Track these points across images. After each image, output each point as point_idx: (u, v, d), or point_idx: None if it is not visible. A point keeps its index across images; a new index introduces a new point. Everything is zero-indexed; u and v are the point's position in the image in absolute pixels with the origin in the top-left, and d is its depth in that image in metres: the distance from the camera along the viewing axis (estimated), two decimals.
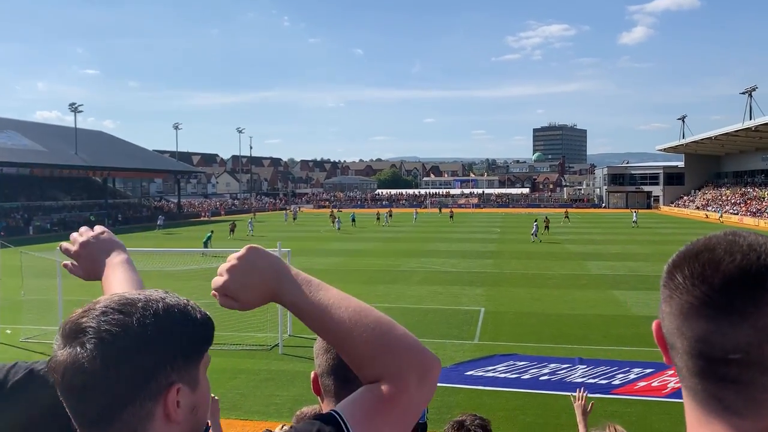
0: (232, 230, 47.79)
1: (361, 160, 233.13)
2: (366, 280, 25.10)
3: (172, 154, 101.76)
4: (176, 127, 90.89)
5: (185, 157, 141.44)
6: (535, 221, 45.23)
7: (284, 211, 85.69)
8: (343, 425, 1.08)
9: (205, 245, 35.64)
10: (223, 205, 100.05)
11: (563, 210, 72.98)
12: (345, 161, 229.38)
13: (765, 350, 0.81)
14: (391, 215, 66.23)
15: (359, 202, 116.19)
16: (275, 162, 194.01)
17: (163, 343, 0.99)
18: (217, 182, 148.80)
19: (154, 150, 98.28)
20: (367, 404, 1.14)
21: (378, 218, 63.24)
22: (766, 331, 0.81)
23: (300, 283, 1.18)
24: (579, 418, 4.16)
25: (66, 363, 0.96)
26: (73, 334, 0.97)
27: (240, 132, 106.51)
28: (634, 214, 61.23)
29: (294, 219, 71.43)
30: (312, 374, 1.74)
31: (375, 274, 26.80)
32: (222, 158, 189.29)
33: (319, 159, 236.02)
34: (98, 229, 1.71)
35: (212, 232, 40.43)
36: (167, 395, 0.99)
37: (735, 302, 0.82)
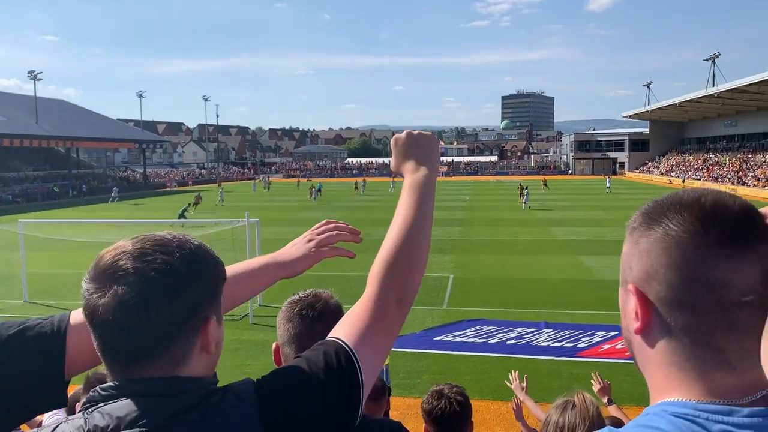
0: (196, 203, 43.28)
1: (330, 129, 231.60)
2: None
3: (137, 123, 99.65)
4: (140, 96, 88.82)
5: (150, 126, 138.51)
6: (526, 188, 44.83)
7: (252, 181, 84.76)
8: (347, 348, 1.19)
9: (181, 217, 35.17)
10: (190, 174, 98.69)
11: (541, 177, 73.80)
12: (314, 130, 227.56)
13: None
14: (365, 184, 66.08)
15: (329, 172, 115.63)
16: (243, 131, 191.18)
17: (201, 278, 1.07)
18: (183, 151, 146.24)
19: (118, 119, 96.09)
20: (360, 325, 1.25)
21: (356, 187, 63.22)
22: None
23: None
24: (521, 396, 4.35)
25: (112, 304, 0.99)
26: (114, 276, 1.01)
27: (206, 100, 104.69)
28: (608, 180, 62.71)
29: (266, 189, 70.32)
30: (273, 345, 1.77)
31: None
32: (188, 127, 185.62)
33: (287, 128, 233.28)
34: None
35: (189, 204, 39.92)
36: (206, 327, 1.08)
37: (750, 240, 0.81)
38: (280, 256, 1.63)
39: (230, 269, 1.45)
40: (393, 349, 11.77)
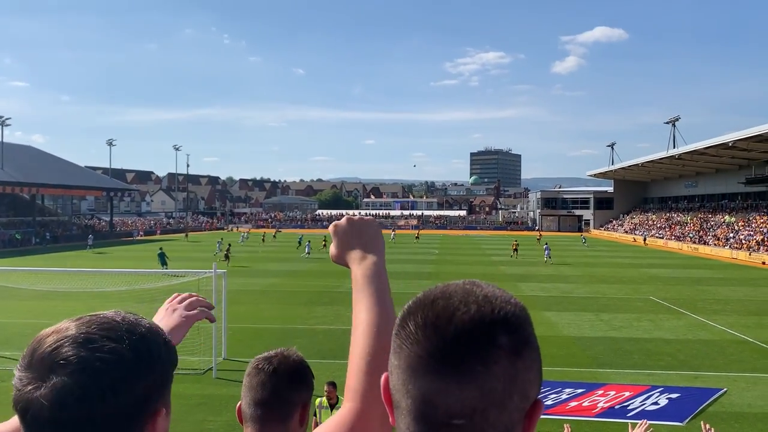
0: (227, 256, 40.00)
1: (301, 180, 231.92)
2: (304, 301, 24.90)
3: (106, 170, 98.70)
4: (110, 143, 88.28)
5: (119, 174, 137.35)
6: (546, 243, 49.21)
7: (242, 232, 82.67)
8: None
9: (164, 264, 34.54)
10: (158, 223, 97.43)
11: (537, 233, 79.40)
12: (285, 181, 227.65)
13: (490, 416, 0.76)
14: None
15: (299, 223, 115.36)
16: (213, 180, 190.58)
17: (152, 368, 0.95)
18: (152, 200, 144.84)
19: (86, 166, 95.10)
20: None
21: (325, 243, 62.52)
22: (492, 395, 0.75)
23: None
24: None
25: (49, 398, 0.86)
26: (53, 365, 0.88)
27: (177, 149, 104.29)
28: (583, 237, 71.64)
29: (243, 241, 66.86)
30: (238, 404, 1.80)
31: (313, 295, 26.62)
32: (158, 176, 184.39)
33: (258, 178, 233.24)
34: None
35: (161, 248, 39.15)
36: (156, 420, 0.95)
37: (465, 358, 0.75)
38: None
39: None
40: None
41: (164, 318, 1.54)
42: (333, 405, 8.45)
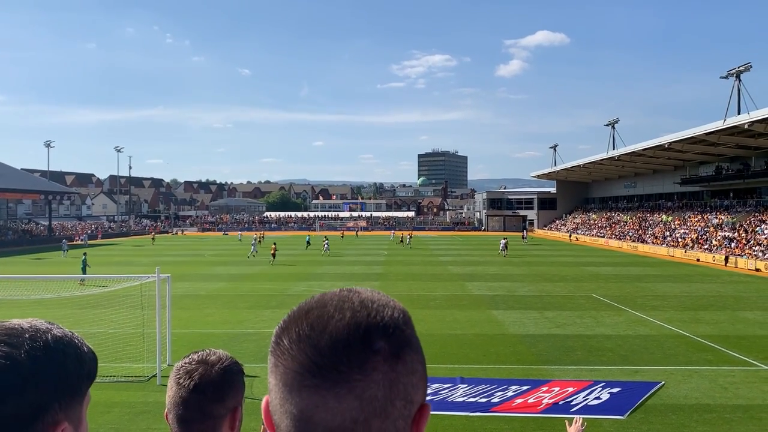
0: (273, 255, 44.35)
1: (249, 182, 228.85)
2: (252, 305, 24.59)
3: (44, 173, 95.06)
4: (48, 145, 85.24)
5: (58, 176, 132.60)
6: (505, 239, 53.29)
7: (240, 234, 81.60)
8: None
9: (84, 270, 33.28)
10: (99, 227, 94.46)
11: (522, 232, 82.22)
12: (232, 183, 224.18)
13: (372, 427, 0.72)
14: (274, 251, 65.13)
15: (247, 225, 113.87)
16: (156, 183, 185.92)
17: (52, 378, 0.89)
18: (93, 203, 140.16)
19: (22, 168, 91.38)
20: None
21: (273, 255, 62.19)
22: (373, 404, 0.72)
23: None
24: None
25: None
26: None
27: (119, 151, 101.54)
28: (524, 235, 76.62)
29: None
30: (165, 411, 1.73)
31: (261, 298, 26.31)
32: (99, 178, 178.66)
33: (204, 180, 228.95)
34: None
35: (85, 254, 37.95)
36: None
37: (340, 368, 0.72)
38: None
39: None
40: None
41: None
42: None
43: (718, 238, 51.18)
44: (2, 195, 76.93)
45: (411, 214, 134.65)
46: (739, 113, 46.89)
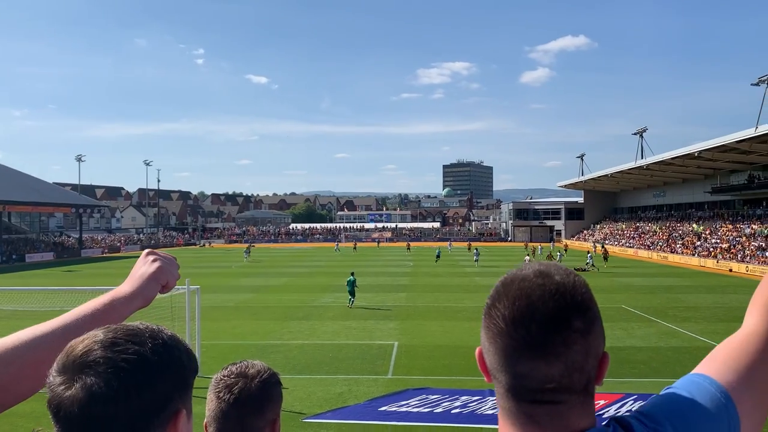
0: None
1: (274, 194, 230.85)
2: (278, 316, 24.70)
3: (75, 187, 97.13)
4: (79, 159, 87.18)
5: (88, 190, 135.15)
6: (589, 252, 53.75)
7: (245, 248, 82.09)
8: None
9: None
10: (127, 240, 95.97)
11: (551, 244, 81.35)
12: (258, 195, 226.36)
13: (573, 378, 1.00)
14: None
15: (273, 237, 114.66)
16: (184, 195, 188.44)
17: (172, 371, 1.04)
18: (122, 216, 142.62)
19: (54, 182, 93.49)
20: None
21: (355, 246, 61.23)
22: (574, 365, 0.99)
23: None
24: None
25: (80, 396, 0.95)
26: (83, 367, 0.97)
27: (147, 164, 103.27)
28: (555, 246, 74.74)
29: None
30: (204, 423, 1.75)
31: (287, 310, 26.42)
32: (128, 191, 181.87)
33: (231, 193, 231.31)
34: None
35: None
36: (177, 421, 1.03)
37: (549, 345, 0.98)
38: (125, 289, 1.51)
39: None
40: (336, 421, 11.46)
41: (143, 267, 1.54)
42: None
43: (751, 247, 50.11)
44: (35, 209, 78.79)
45: (436, 224, 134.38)
46: None
